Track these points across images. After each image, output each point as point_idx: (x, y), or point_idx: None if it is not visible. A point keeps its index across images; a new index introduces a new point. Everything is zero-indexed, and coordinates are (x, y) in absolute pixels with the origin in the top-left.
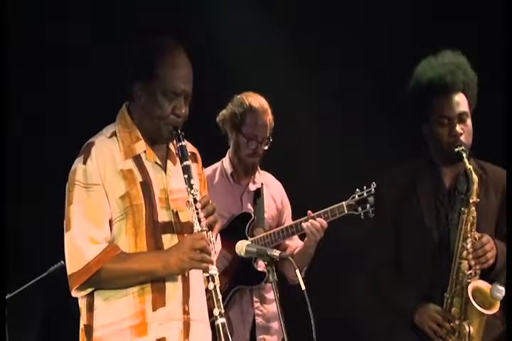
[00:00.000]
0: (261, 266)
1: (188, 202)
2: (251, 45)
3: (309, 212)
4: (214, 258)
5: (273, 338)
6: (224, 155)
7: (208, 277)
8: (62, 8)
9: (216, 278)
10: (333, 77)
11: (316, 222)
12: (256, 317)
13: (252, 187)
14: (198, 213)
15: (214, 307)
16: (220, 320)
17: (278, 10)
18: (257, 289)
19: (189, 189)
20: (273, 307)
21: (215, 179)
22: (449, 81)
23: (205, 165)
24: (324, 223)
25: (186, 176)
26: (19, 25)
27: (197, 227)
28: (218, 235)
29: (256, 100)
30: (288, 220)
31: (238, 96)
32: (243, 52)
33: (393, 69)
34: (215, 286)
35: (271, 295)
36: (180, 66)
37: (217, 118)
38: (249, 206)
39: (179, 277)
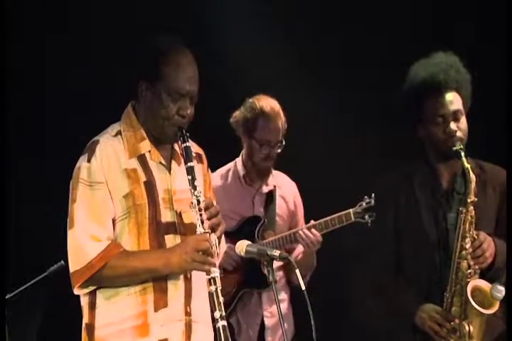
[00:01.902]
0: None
1: (192, 203)
2: (251, 45)
3: (312, 221)
4: (216, 260)
5: (281, 339)
6: (233, 155)
7: (209, 279)
8: (63, 8)
9: (217, 280)
10: (333, 77)
11: (310, 235)
12: (264, 319)
13: (265, 190)
14: (201, 215)
15: (215, 310)
16: (221, 323)
17: (278, 10)
18: (265, 290)
19: (193, 190)
20: (282, 308)
21: (228, 180)
22: (441, 79)
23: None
24: (318, 236)
25: (190, 177)
26: (19, 25)
27: (199, 229)
28: (223, 237)
29: (267, 104)
30: (301, 221)
31: (250, 100)
32: (243, 52)
33: (395, 70)
34: (216, 289)
35: (280, 296)
36: (185, 66)
37: (231, 120)
38: (261, 209)
39: (181, 278)
